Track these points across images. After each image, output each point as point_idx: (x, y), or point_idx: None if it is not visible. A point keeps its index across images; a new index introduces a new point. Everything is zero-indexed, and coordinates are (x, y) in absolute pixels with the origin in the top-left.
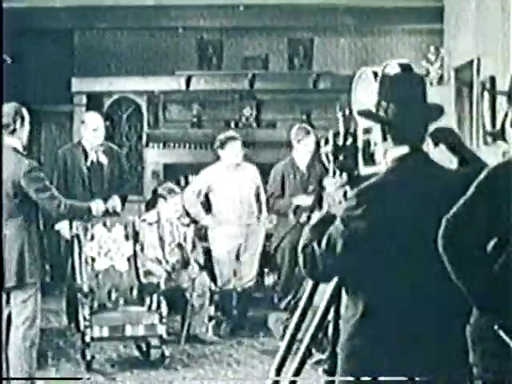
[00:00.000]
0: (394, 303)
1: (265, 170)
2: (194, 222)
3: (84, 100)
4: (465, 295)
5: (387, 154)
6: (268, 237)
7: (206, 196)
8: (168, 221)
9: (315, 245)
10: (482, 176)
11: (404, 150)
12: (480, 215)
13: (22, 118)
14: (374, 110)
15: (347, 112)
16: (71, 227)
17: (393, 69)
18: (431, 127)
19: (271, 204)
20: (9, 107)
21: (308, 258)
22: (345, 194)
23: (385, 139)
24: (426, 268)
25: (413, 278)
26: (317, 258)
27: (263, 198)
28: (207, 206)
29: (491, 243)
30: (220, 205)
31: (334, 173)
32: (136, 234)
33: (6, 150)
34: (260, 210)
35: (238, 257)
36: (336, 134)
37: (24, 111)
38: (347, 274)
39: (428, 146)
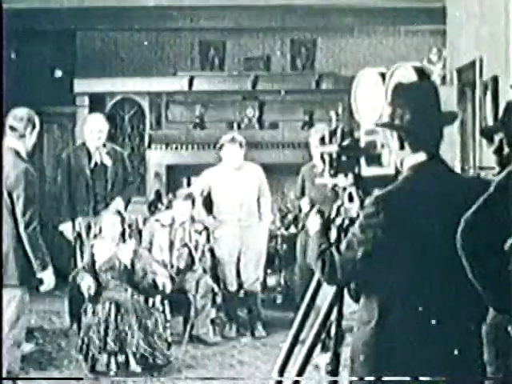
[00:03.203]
0: (411, 307)
1: (267, 171)
2: (206, 228)
3: (86, 101)
4: (481, 294)
5: (404, 162)
6: (271, 238)
7: (210, 197)
8: (181, 225)
9: (334, 251)
10: (501, 176)
11: (421, 157)
12: (498, 215)
13: (33, 126)
14: (387, 118)
15: (340, 111)
16: (74, 227)
17: (404, 72)
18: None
19: (296, 205)
20: (22, 112)
21: (327, 264)
22: (350, 195)
23: (402, 147)
24: (443, 273)
25: (429, 284)
26: (336, 264)
27: (267, 198)
28: (209, 207)
29: (508, 242)
30: (220, 206)
31: (336, 173)
32: (139, 234)
33: (6, 152)
34: (262, 211)
35: (239, 258)
36: (333, 133)
37: (36, 119)
38: (365, 279)
39: None
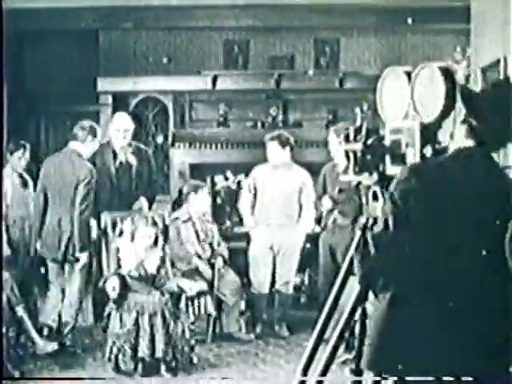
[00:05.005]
0: (424, 292)
1: None
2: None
3: (110, 100)
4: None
5: (451, 143)
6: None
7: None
8: (198, 217)
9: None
10: None
11: (469, 142)
12: None
13: (94, 135)
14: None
15: (365, 108)
16: (99, 226)
17: (430, 72)
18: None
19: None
20: (86, 123)
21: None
22: (374, 194)
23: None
24: (468, 261)
25: (450, 269)
26: (368, 242)
27: (310, 206)
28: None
29: None
30: (260, 204)
31: (360, 171)
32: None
33: (72, 152)
34: (303, 217)
35: (274, 259)
36: (357, 130)
37: (98, 131)
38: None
39: None
